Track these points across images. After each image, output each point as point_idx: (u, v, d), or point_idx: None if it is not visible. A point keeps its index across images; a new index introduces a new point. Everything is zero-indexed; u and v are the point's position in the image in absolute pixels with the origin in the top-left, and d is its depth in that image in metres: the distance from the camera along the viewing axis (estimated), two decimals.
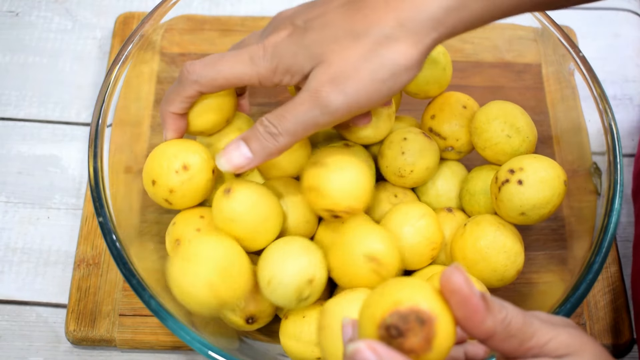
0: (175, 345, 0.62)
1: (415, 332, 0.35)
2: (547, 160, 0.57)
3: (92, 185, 0.54)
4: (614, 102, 0.77)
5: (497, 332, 0.36)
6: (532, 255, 0.59)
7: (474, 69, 0.72)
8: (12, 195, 0.70)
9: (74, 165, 0.72)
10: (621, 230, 0.70)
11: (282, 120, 0.49)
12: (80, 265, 0.65)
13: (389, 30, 0.46)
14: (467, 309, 0.36)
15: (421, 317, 0.35)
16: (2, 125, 0.74)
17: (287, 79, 0.50)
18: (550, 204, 0.56)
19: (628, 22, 0.82)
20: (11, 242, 0.68)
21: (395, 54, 0.46)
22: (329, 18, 0.48)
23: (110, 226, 0.53)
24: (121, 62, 0.59)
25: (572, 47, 0.60)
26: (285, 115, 0.49)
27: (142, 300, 0.50)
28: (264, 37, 0.51)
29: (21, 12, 0.81)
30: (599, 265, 0.52)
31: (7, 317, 0.64)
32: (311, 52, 0.48)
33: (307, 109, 0.48)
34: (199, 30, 0.72)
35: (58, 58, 0.78)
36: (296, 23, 0.50)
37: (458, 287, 0.35)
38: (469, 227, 0.58)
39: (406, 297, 0.36)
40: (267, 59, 0.50)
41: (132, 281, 0.51)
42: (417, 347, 0.35)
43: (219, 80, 0.51)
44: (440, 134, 0.63)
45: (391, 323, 0.35)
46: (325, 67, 0.47)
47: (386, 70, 0.47)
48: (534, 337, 0.37)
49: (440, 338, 0.36)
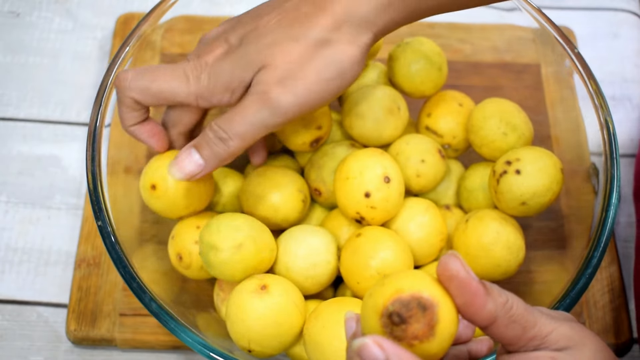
0: (176, 345, 0.62)
1: (417, 319, 0.36)
2: (541, 149, 0.57)
3: (90, 189, 0.54)
4: (613, 103, 0.77)
5: (499, 317, 0.37)
6: (531, 254, 0.59)
7: (473, 69, 0.72)
8: (13, 195, 0.70)
9: (74, 165, 0.72)
10: (621, 231, 0.70)
11: (232, 124, 0.49)
12: (80, 265, 0.65)
13: (326, 34, 0.48)
14: (467, 293, 0.36)
15: (423, 304, 0.36)
16: (3, 126, 0.74)
17: (227, 97, 0.50)
18: (550, 191, 0.56)
19: (627, 22, 0.82)
20: (12, 242, 0.68)
21: (337, 54, 0.48)
22: (264, 30, 0.49)
23: (110, 230, 0.52)
24: (119, 63, 0.59)
25: (567, 44, 0.60)
26: (234, 118, 0.49)
27: (142, 303, 0.50)
28: (198, 57, 0.51)
29: (22, 13, 0.81)
30: (598, 259, 0.52)
31: (7, 316, 0.64)
32: (251, 61, 0.48)
33: (256, 111, 0.48)
34: (199, 30, 0.72)
35: (59, 58, 0.78)
36: (230, 41, 0.50)
37: (456, 272, 0.36)
38: (471, 223, 0.58)
39: (407, 285, 0.36)
40: (203, 77, 0.50)
41: (132, 284, 0.51)
42: (420, 333, 0.36)
43: (153, 89, 0.51)
44: (437, 131, 0.63)
45: (393, 310, 0.36)
46: (271, 70, 0.48)
47: (332, 69, 0.48)
48: (537, 326, 0.37)
49: (443, 324, 0.36)
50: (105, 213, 0.53)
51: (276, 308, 0.51)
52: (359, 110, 0.61)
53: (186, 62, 0.51)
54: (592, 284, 0.65)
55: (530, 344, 0.37)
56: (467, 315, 0.37)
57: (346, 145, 0.61)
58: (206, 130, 0.50)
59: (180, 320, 0.50)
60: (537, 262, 0.60)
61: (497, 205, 0.59)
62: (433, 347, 0.36)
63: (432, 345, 0.36)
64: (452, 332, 0.37)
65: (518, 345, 0.38)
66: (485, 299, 0.36)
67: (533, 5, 0.62)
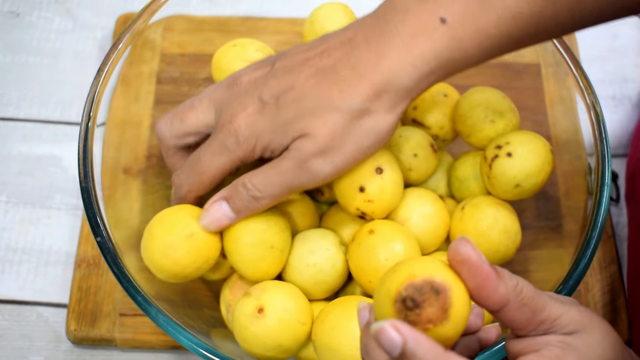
0: (176, 345, 0.62)
1: (431, 303, 0.36)
2: (529, 132, 0.58)
3: (86, 204, 0.53)
4: (613, 103, 0.77)
5: (510, 300, 0.37)
6: (531, 254, 0.59)
7: (474, 69, 0.71)
8: (13, 195, 0.70)
9: (74, 165, 0.72)
10: (620, 230, 0.70)
11: (267, 186, 0.50)
12: (80, 265, 0.65)
13: (366, 104, 0.48)
14: (479, 276, 0.36)
15: (436, 287, 0.36)
16: (3, 126, 0.74)
17: (267, 154, 0.51)
18: (542, 171, 0.56)
19: (627, 22, 0.82)
20: (12, 242, 0.68)
21: (377, 124, 0.48)
22: (302, 92, 0.49)
23: (110, 245, 0.52)
24: (112, 59, 0.58)
25: (559, 43, 0.60)
26: (270, 179, 0.49)
27: (149, 316, 0.50)
28: (230, 119, 0.50)
29: (22, 13, 0.81)
30: (588, 259, 0.52)
31: (7, 316, 0.65)
32: (291, 128, 0.49)
33: (294, 177, 0.49)
34: (199, 30, 0.72)
35: (59, 58, 0.78)
36: (264, 98, 0.50)
37: (467, 256, 0.36)
38: (467, 210, 0.58)
39: (419, 270, 0.37)
40: (242, 141, 0.50)
41: (137, 298, 0.50)
42: (434, 317, 0.36)
43: (205, 182, 0.52)
44: (424, 123, 0.63)
45: (407, 295, 0.36)
46: (311, 140, 0.48)
47: (370, 139, 0.49)
48: (546, 309, 0.38)
49: (456, 307, 0.36)
50: (102, 228, 0.53)
51: (274, 331, 0.51)
52: None
53: (218, 132, 0.51)
54: (592, 284, 0.65)
55: (540, 328, 0.38)
56: (479, 299, 0.37)
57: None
58: (238, 186, 0.50)
59: (191, 332, 0.50)
60: (537, 261, 0.60)
61: (490, 191, 0.59)
62: (447, 330, 0.36)
63: (446, 329, 0.36)
64: (465, 315, 0.37)
65: (528, 329, 0.38)
66: (496, 282, 0.36)
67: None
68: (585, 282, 0.65)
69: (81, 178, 0.54)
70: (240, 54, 0.62)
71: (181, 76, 0.70)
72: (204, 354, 0.49)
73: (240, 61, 0.61)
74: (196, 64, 0.71)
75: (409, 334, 0.35)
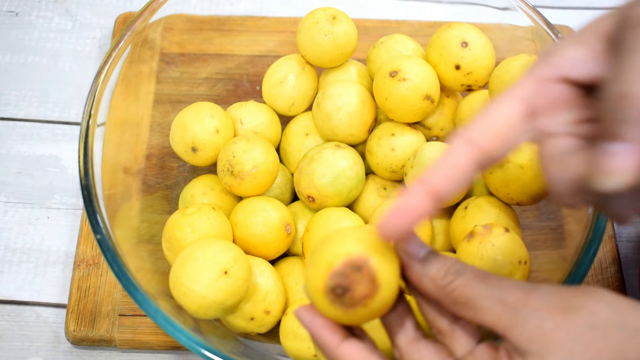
0: (175, 345, 0.62)
1: (357, 280, 0.37)
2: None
3: (86, 202, 0.53)
4: None
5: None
6: (531, 254, 0.59)
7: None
8: (12, 195, 0.70)
9: (73, 165, 0.72)
10: (621, 230, 0.70)
11: None
12: (80, 265, 0.65)
13: None
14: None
15: (356, 265, 0.37)
16: (2, 125, 0.74)
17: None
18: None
19: None
20: (11, 242, 0.68)
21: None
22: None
23: (110, 243, 0.52)
24: (110, 63, 0.58)
25: None
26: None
27: (148, 314, 0.50)
28: None
29: (21, 12, 0.81)
30: (597, 240, 0.52)
31: (6, 317, 0.64)
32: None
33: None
34: (198, 30, 0.72)
35: (58, 58, 0.78)
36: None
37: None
38: (470, 209, 0.59)
39: (335, 255, 0.38)
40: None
41: (137, 296, 0.50)
42: (367, 291, 0.37)
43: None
44: (425, 124, 0.64)
45: (333, 285, 0.37)
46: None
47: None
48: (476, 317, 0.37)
49: (383, 275, 0.37)
50: (104, 228, 0.52)
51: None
52: (328, 111, 0.62)
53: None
54: (593, 284, 0.65)
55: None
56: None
57: (332, 147, 0.61)
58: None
59: (187, 330, 0.49)
60: (537, 262, 0.60)
61: (490, 187, 0.60)
62: (385, 295, 0.37)
63: (383, 294, 0.37)
64: (395, 275, 0.38)
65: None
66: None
67: (529, 4, 0.63)
68: (586, 283, 0.65)
69: (82, 175, 0.54)
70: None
71: (181, 76, 0.70)
72: (203, 353, 0.49)
73: None
74: (196, 63, 0.71)
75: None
